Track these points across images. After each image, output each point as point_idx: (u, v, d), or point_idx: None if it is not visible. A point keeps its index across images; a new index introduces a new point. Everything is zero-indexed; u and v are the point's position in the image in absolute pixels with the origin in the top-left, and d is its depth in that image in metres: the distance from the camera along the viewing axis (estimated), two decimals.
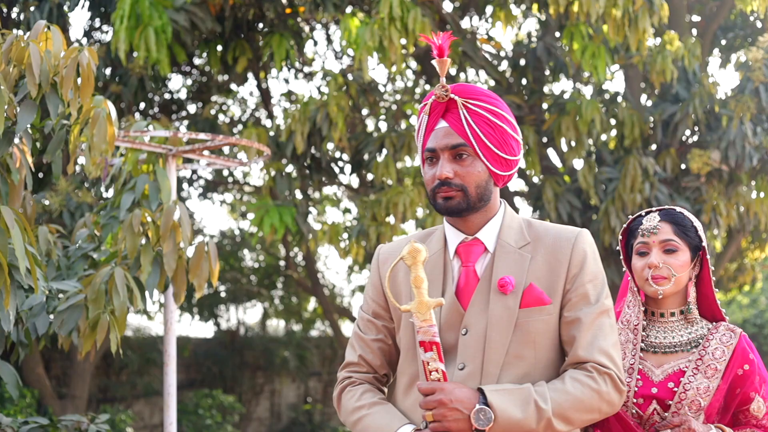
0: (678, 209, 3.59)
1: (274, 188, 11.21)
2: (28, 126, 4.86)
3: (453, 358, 3.14)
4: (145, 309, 6.41)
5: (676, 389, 3.44)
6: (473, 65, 11.45)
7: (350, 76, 11.03)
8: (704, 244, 3.55)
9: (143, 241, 6.08)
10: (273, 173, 11.19)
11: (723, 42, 14.65)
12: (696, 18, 14.47)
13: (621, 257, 3.72)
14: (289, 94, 14.39)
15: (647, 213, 3.59)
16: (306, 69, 14.88)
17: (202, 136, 6.45)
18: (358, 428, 3.19)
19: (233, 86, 14.81)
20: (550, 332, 3.15)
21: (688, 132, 11.45)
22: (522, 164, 12.84)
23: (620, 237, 3.69)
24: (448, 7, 12.55)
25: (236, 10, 10.82)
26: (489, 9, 11.74)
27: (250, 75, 13.59)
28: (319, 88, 13.62)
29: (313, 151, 11.05)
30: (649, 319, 3.61)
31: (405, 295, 3.22)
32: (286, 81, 16.00)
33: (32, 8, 10.96)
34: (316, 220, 17.89)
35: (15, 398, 5.46)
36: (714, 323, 3.58)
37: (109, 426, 6.32)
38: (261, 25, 11.47)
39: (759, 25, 14.07)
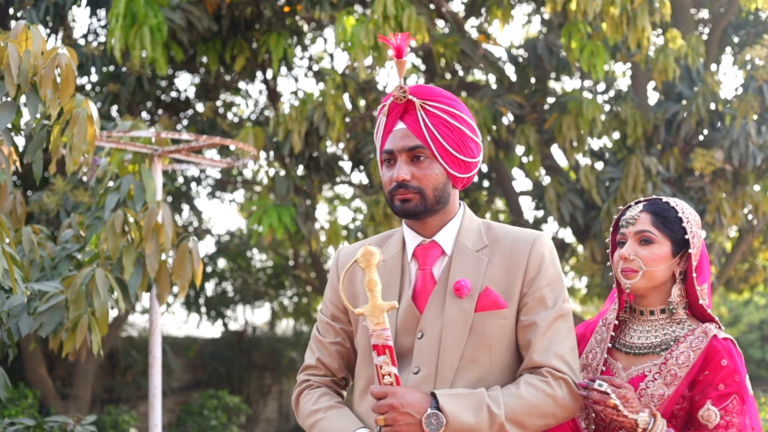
0: (666, 199, 3.38)
1: (273, 188, 11.18)
2: (8, 126, 4.83)
3: (408, 362, 3.13)
4: (131, 309, 6.35)
5: None
6: (471, 64, 11.38)
7: (350, 75, 10.98)
8: (688, 237, 3.30)
9: (126, 242, 6.05)
10: (272, 173, 11.17)
11: (736, 39, 14.52)
12: (706, 15, 14.36)
13: (609, 251, 3.58)
14: (297, 93, 14.34)
15: (636, 203, 3.45)
16: (315, 67, 14.87)
17: (185, 136, 6.41)
18: (315, 431, 3.16)
19: (241, 84, 14.79)
20: (506, 336, 3.13)
21: (692, 131, 11.33)
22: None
23: (611, 230, 3.55)
24: (455, 6, 12.52)
25: (233, 8, 10.77)
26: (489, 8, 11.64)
27: (259, 73, 13.56)
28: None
29: (315, 151, 11.00)
30: (632, 317, 3.45)
31: (362, 298, 3.19)
32: (296, 79, 15.94)
33: (28, 7, 10.95)
34: (326, 220, 17.89)
35: (3, 399, 5.45)
36: (699, 324, 3.34)
37: (95, 428, 6.26)
38: (259, 24, 11.41)
39: None
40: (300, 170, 11.42)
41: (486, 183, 13.63)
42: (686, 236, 3.31)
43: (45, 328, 5.67)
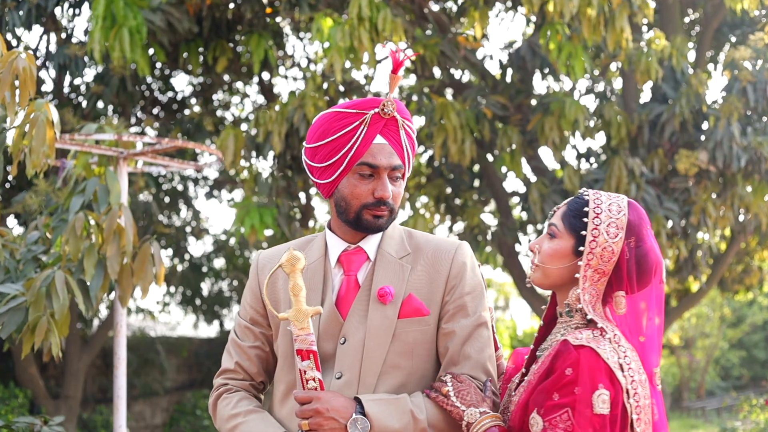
0: (594, 192, 3.09)
1: (255, 188, 11.20)
2: None
3: (330, 367, 3.13)
4: (93, 311, 6.37)
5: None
6: (451, 65, 11.38)
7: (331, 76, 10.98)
8: (585, 233, 2.99)
9: (88, 244, 6.07)
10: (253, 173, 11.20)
11: (733, 39, 14.48)
12: (697, 16, 14.34)
13: None
14: (295, 93, 14.34)
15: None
16: (313, 67, 14.86)
17: (147, 139, 6.43)
18: None
19: (238, 85, 14.82)
20: (427, 343, 3.16)
21: (676, 132, 11.31)
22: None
23: None
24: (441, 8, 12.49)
25: (214, 9, 10.78)
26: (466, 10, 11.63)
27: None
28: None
29: (296, 152, 11.00)
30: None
31: (284, 302, 3.19)
32: (294, 79, 15.91)
33: (9, 9, 10.97)
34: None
35: None
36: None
37: (62, 429, 6.28)
38: (240, 26, 11.42)
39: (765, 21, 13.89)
40: (283, 170, 11.40)
41: (476, 183, 13.62)
42: (583, 232, 3.01)
43: (5, 330, 5.69)
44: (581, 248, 3.01)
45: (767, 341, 30.89)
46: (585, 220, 3.01)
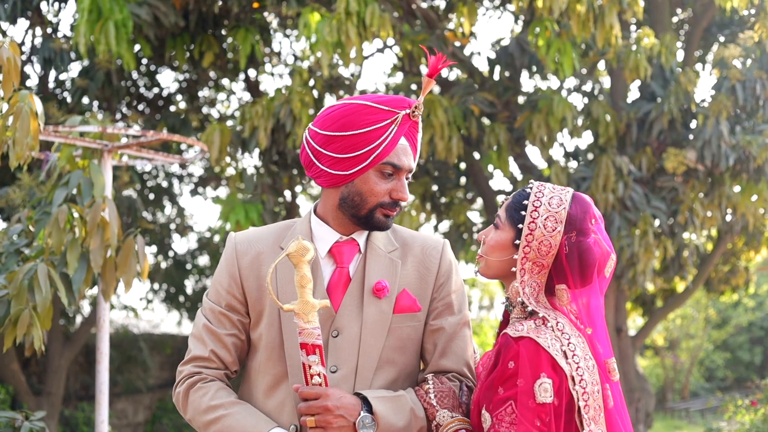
0: (539, 185, 3.06)
1: (240, 184, 11.14)
2: None
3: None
4: (75, 304, 6.30)
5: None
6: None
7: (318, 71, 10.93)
8: (522, 226, 2.97)
9: (71, 237, 6.00)
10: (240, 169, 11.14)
11: (722, 38, 14.48)
12: (687, 15, 14.33)
13: None
14: (281, 90, 14.29)
15: None
16: (299, 64, 14.80)
17: (132, 132, 6.35)
18: (215, 428, 3.02)
19: (225, 81, 14.74)
20: (417, 339, 3.15)
21: (664, 131, 11.29)
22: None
23: None
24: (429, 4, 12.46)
25: (201, 4, 10.69)
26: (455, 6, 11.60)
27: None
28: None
29: (282, 147, 10.94)
30: None
31: (265, 291, 3.09)
32: (280, 76, 15.85)
33: None
34: None
35: None
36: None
37: (43, 424, 6.20)
38: (227, 20, 11.34)
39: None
40: (268, 166, 11.33)
41: (463, 181, 13.58)
42: (520, 225, 2.99)
43: None
44: (518, 241, 3.00)
45: (752, 343, 30.97)
46: (523, 213, 2.99)
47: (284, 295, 3.05)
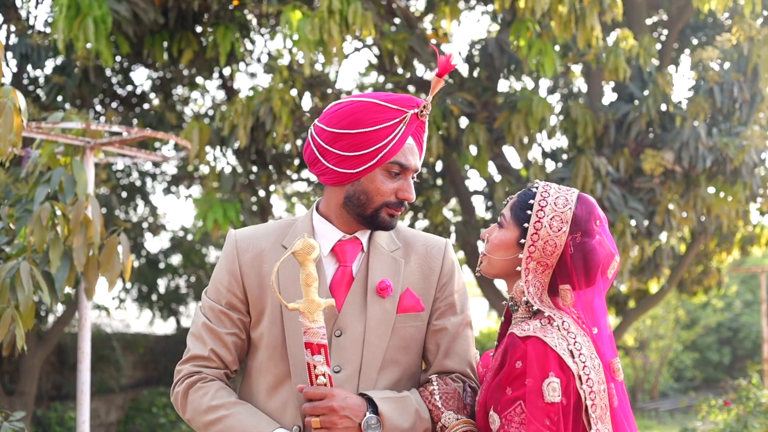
0: (545, 184, 3.07)
1: (215, 182, 11.07)
2: None
3: None
4: (57, 303, 6.23)
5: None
6: (420, 61, 11.32)
7: (298, 70, 10.88)
8: (528, 225, 2.98)
9: (54, 235, 5.94)
10: (219, 168, 11.07)
11: (695, 41, 14.55)
12: (663, 17, 14.38)
13: None
14: (256, 89, 14.23)
15: None
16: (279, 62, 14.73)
17: (115, 128, 6.29)
18: (216, 429, 2.98)
19: (199, 80, 14.65)
20: (419, 339, 3.14)
21: (642, 132, 11.33)
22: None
23: None
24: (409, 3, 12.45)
25: (180, 1, 10.61)
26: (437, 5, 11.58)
27: (216, 68, 13.42)
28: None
29: (261, 146, 10.87)
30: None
31: (269, 289, 3.05)
32: (254, 75, 15.76)
33: None
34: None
35: None
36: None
37: (23, 424, 6.14)
38: (207, 17, 11.26)
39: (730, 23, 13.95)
40: (246, 165, 11.27)
41: (439, 182, 13.58)
42: (525, 224, 3.00)
43: None
44: (523, 240, 3.00)
45: (720, 343, 31.17)
46: (529, 212, 2.99)
47: (287, 294, 3.01)
